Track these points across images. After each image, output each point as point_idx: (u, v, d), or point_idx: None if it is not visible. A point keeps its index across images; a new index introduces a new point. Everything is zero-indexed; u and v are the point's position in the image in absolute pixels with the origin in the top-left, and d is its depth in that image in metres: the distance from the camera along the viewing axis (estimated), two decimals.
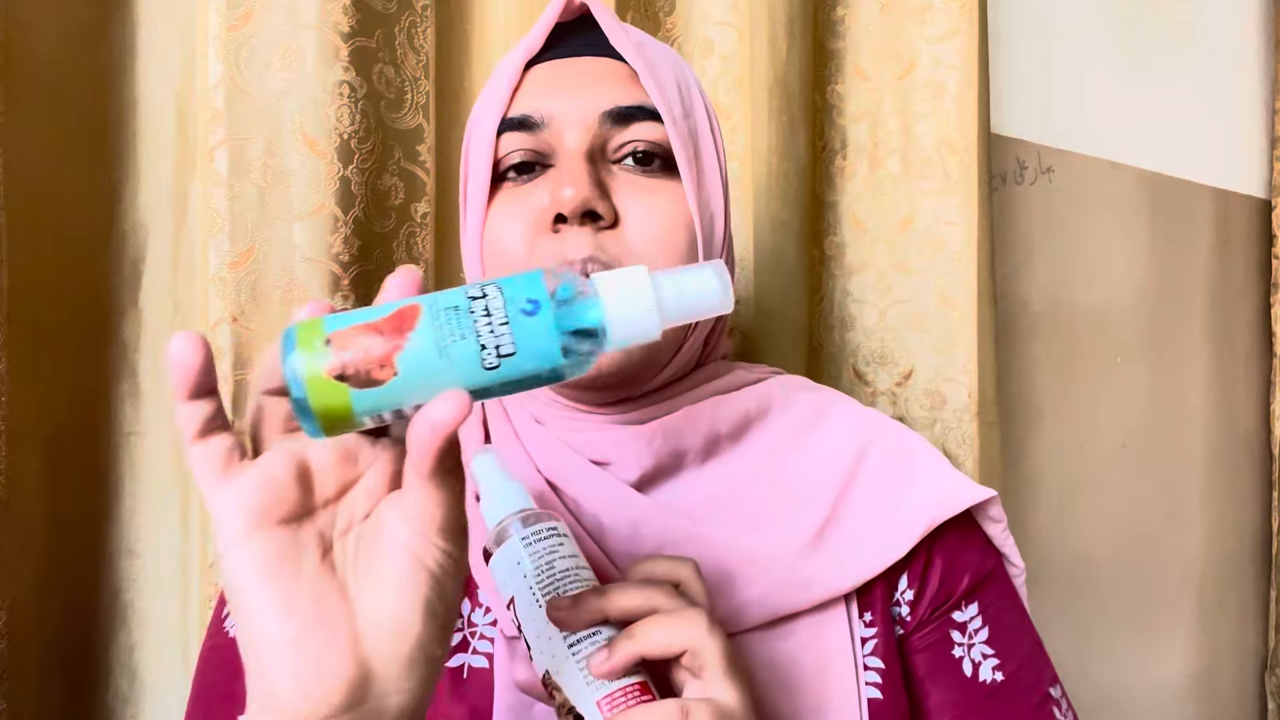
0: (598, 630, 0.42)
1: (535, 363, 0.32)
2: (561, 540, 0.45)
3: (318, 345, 0.31)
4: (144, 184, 0.75)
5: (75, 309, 0.72)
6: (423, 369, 0.31)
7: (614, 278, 0.35)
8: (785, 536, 0.53)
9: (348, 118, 0.71)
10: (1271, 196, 1.47)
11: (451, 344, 0.31)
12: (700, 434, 0.55)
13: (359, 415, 0.31)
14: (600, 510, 0.53)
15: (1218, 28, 1.43)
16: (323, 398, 0.31)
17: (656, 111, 0.53)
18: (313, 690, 0.31)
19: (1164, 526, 1.38)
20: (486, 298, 0.32)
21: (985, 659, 0.55)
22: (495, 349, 0.32)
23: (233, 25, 0.70)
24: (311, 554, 0.33)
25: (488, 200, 0.54)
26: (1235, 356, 1.47)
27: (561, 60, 0.55)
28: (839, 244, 1.00)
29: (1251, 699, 1.48)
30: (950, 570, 0.56)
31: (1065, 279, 1.28)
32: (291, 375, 0.31)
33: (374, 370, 0.31)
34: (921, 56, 0.97)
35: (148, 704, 0.74)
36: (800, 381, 0.63)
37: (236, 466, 0.33)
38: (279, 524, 0.33)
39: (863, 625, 0.53)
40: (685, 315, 0.36)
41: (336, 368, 0.30)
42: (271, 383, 0.34)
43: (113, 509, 0.74)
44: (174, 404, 0.32)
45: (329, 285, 0.71)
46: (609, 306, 0.34)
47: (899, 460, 0.58)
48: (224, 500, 0.33)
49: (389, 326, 0.31)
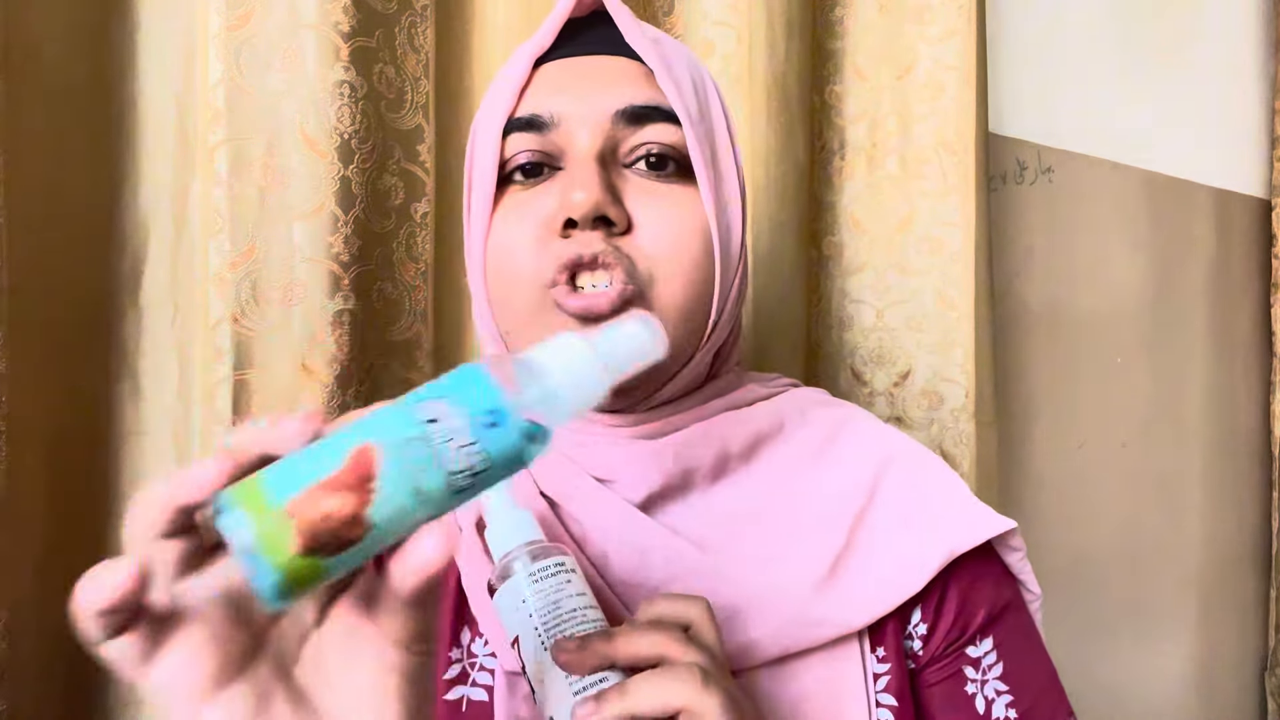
0: (605, 676, 0.40)
1: (506, 468, 0.31)
2: (569, 577, 0.43)
3: (271, 518, 0.27)
4: (144, 184, 0.75)
5: (75, 309, 0.72)
6: (397, 516, 0.28)
7: (553, 354, 0.33)
8: (797, 570, 0.51)
9: (348, 118, 0.71)
10: (1271, 196, 1.47)
11: (422, 479, 0.29)
12: (710, 453, 0.53)
13: (331, 575, 0.29)
14: (604, 533, 0.51)
15: (1218, 28, 1.43)
16: (292, 571, 0.27)
17: (672, 112, 0.51)
18: None
19: (1164, 526, 1.38)
20: (443, 420, 0.29)
21: (999, 695, 0.53)
22: (468, 470, 0.29)
23: (233, 25, 0.70)
24: (279, 693, 0.32)
25: (493, 204, 0.52)
26: (1235, 356, 1.47)
27: (572, 58, 0.53)
28: (837, 244, 1.00)
29: (1251, 699, 1.48)
30: (965, 604, 0.54)
31: (1065, 279, 1.28)
32: (246, 555, 0.27)
33: (346, 532, 0.28)
34: (920, 57, 0.98)
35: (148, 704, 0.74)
36: (815, 396, 0.61)
37: (162, 645, 0.30)
38: (236, 677, 0.31)
39: (875, 661, 0.51)
40: (627, 367, 0.35)
41: (307, 543, 0.27)
42: (158, 528, 0.30)
43: (113, 509, 0.74)
44: (83, 612, 0.29)
45: (329, 285, 0.71)
46: (556, 383, 0.33)
47: (916, 487, 0.55)
48: (167, 677, 0.30)
49: (349, 478, 0.28)
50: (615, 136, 0.50)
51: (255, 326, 0.71)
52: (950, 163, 0.97)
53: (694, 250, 0.51)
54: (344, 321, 0.72)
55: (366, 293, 0.74)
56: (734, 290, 0.54)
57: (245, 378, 0.70)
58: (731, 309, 0.54)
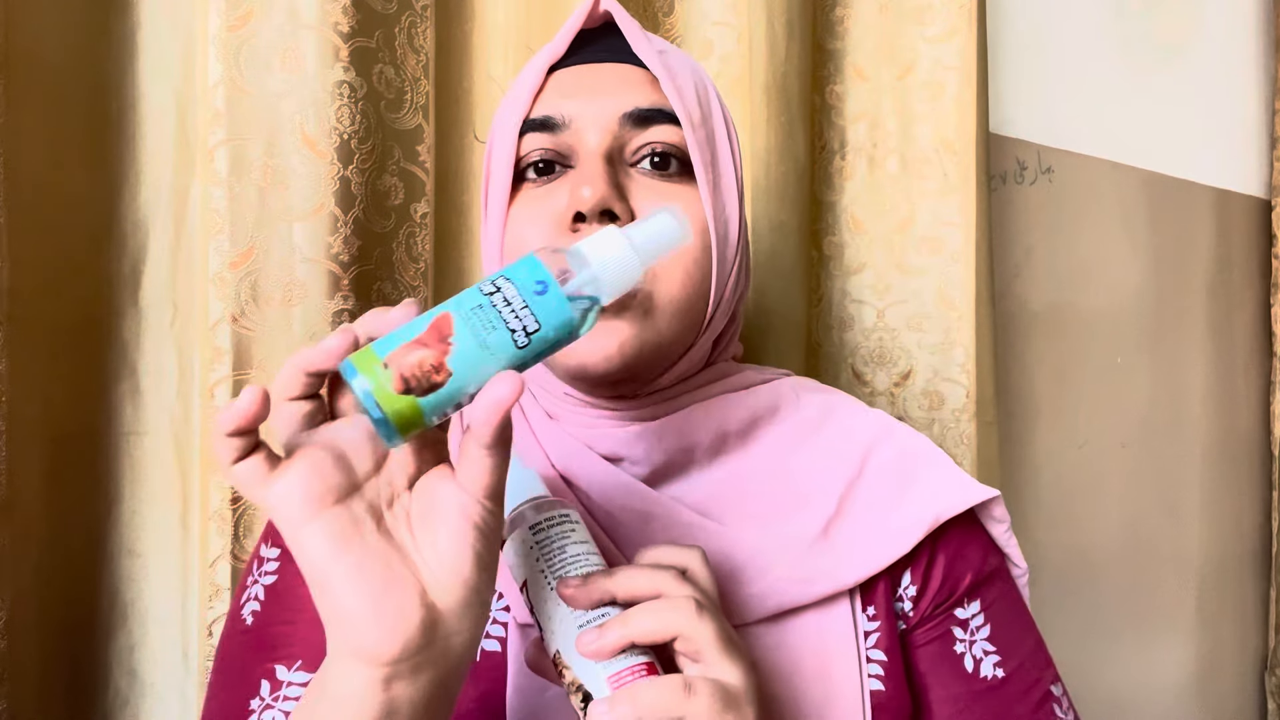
0: (606, 612, 0.43)
1: (557, 330, 0.38)
2: (573, 527, 0.47)
3: (378, 369, 0.35)
4: (144, 184, 0.75)
5: (75, 309, 0.72)
6: (471, 363, 0.36)
7: (592, 243, 0.40)
8: (791, 532, 0.54)
9: (348, 118, 0.71)
10: (1271, 196, 1.47)
11: (488, 336, 0.37)
12: (709, 432, 0.56)
13: (428, 416, 0.36)
14: (612, 504, 0.54)
15: (1218, 28, 1.43)
16: (396, 410, 0.35)
17: (675, 115, 0.54)
18: (395, 638, 0.36)
19: (1164, 526, 1.38)
20: (501, 290, 0.37)
21: (986, 655, 0.56)
22: (523, 329, 0.37)
23: (233, 25, 0.70)
24: (369, 523, 0.37)
25: (509, 200, 0.55)
26: (1235, 356, 1.47)
27: (584, 66, 0.56)
28: (837, 244, 1.00)
29: (1251, 699, 1.48)
30: (953, 567, 0.57)
31: (1065, 279, 1.28)
32: (365, 397, 0.35)
33: (432, 376, 0.36)
34: (920, 57, 0.98)
35: (148, 704, 0.74)
36: (809, 383, 0.64)
37: (278, 469, 0.36)
38: (334, 504, 0.36)
39: (866, 619, 0.54)
40: (658, 252, 0.42)
41: (400, 383, 0.35)
42: (291, 390, 0.37)
43: (113, 509, 0.74)
44: (216, 435, 0.35)
45: (329, 285, 0.71)
46: (596, 266, 0.40)
47: (904, 459, 0.59)
48: (278, 497, 0.36)
49: (431, 338, 0.36)
50: (622, 137, 0.54)
51: (255, 326, 0.71)
52: (950, 163, 0.97)
53: (693, 246, 0.53)
54: (344, 321, 0.72)
55: (366, 293, 0.74)
56: (730, 283, 0.57)
57: (245, 378, 0.71)
58: (728, 301, 0.58)
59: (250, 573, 0.58)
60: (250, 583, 0.57)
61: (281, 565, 0.56)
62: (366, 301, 0.74)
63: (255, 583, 0.56)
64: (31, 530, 0.69)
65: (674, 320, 0.53)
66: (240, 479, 0.36)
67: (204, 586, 0.72)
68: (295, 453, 0.37)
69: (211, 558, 0.71)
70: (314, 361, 0.37)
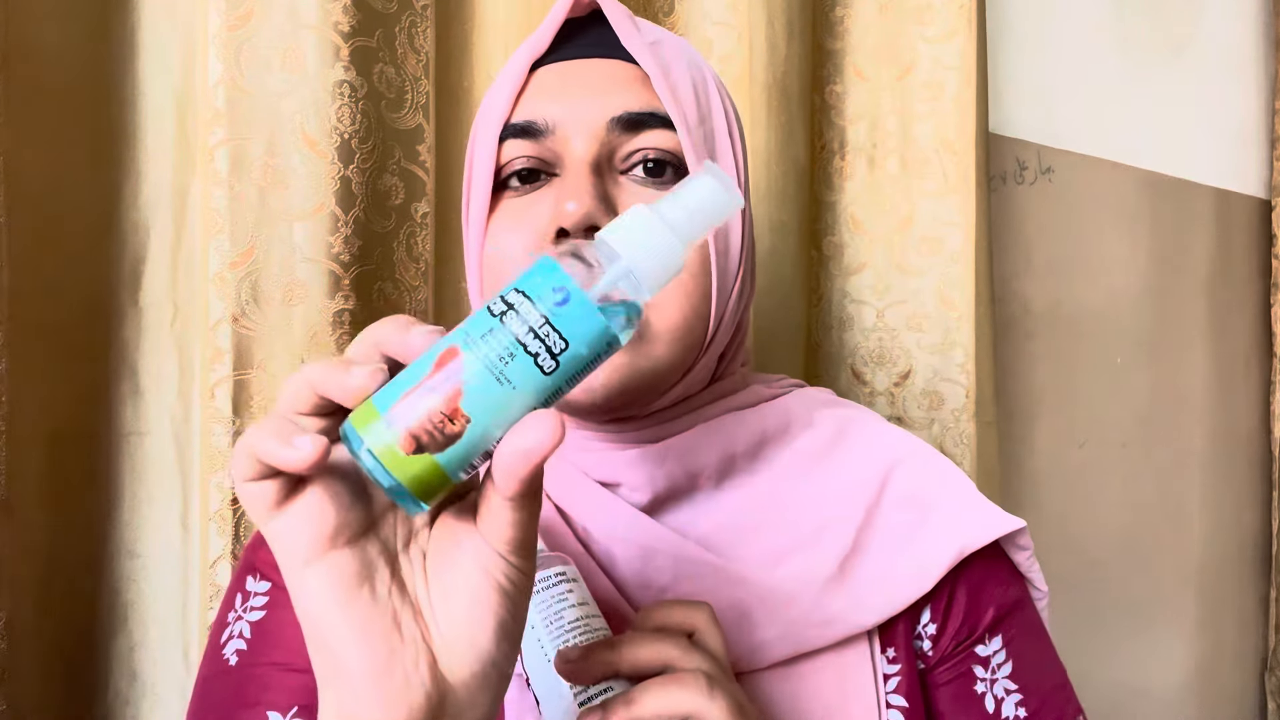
0: (609, 686, 0.40)
1: (591, 346, 0.31)
2: (570, 587, 0.43)
3: (381, 428, 0.30)
4: (144, 184, 0.75)
5: (75, 309, 0.72)
6: (491, 404, 0.30)
7: (618, 229, 0.33)
8: (805, 570, 0.50)
9: (348, 118, 0.71)
10: (1271, 196, 1.47)
11: (505, 367, 0.30)
12: (714, 453, 0.52)
13: (453, 474, 0.31)
14: (612, 538, 0.50)
15: (1218, 28, 1.43)
16: (412, 475, 0.30)
17: (669, 117, 0.50)
18: (395, 712, 0.31)
19: (1164, 526, 1.38)
20: (514, 308, 0.31)
21: (1008, 695, 0.52)
22: (547, 351, 0.31)
23: (233, 25, 0.70)
24: (382, 571, 0.32)
25: (489, 208, 0.51)
26: (1235, 356, 1.47)
27: (569, 62, 0.52)
28: (837, 244, 1.00)
29: (1251, 699, 1.48)
30: (974, 603, 0.53)
31: (1065, 279, 1.28)
32: (372, 465, 0.30)
33: (446, 427, 0.30)
34: (920, 57, 0.98)
35: (148, 704, 0.74)
36: (821, 396, 0.60)
37: (290, 499, 0.31)
38: (345, 545, 0.31)
39: (885, 661, 0.51)
40: (703, 228, 0.34)
41: (410, 442, 0.30)
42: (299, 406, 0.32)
43: (113, 509, 0.74)
44: (243, 450, 0.31)
45: (329, 285, 0.71)
46: (629, 259, 0.32)
47: (924, 487, 0.55)
48: (284, 528, 0.31)
49: (439, 380, 0.30)
50: (611, 143, 0.49)
51: (255, 326, 0.71)
52: (950, 163, 0.97)
53: (691, 261, 0.49)
54: (344, 321, 0.72)
55: (367, 293, 0.74)
56: (733, 296, 0.53)
57: (245, 378, 0.70)
58: (731, 315, 0.54)
59: (231, 607, 0.52)
60: (233, 619, 0.52)
61: (271, 600, 0.51)
62: (367, 301, 0.74)
63: (239, 619, 0.52)
64: (31, 531, 0.69)
65: (671, 346, 0.49)
66: (248, 499, 0.32)
67: (204, 587, 0.72)
68: (310, 482, 0.32)
69: (212, 558, 0.71)
70: (330, 390, 0.31)
